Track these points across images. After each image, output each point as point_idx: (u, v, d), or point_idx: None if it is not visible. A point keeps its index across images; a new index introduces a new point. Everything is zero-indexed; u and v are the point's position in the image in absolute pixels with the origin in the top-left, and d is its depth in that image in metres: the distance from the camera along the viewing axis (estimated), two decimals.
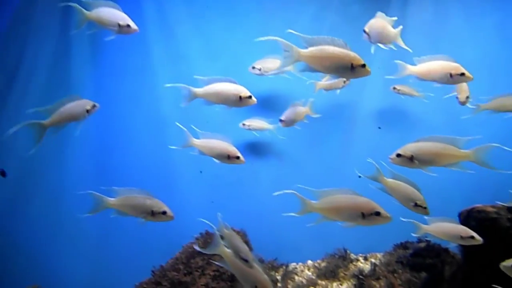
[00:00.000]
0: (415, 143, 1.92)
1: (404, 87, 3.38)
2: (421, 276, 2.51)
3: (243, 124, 3.28)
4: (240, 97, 2.00)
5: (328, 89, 3.27)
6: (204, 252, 1.96)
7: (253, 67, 3.11)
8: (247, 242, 2.75)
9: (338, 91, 3.33)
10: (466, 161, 1.94)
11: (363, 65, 1.70)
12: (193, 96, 2.12)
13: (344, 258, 3.37)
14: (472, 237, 1.89)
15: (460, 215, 2.30)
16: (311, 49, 1.67)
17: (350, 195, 1.52)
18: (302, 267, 3.57)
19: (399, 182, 1.95)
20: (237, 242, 1.66)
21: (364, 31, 2.21)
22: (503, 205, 2.22)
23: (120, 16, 2.20)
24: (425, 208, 1.88)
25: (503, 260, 2.21)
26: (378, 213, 1.47)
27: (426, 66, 2.21)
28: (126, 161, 3.47)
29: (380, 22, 2.21)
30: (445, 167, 1.90)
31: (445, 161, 1.84)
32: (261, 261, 3.55)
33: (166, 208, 1.95)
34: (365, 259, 3.37)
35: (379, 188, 2.04)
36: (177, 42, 3.47)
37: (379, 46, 2.51)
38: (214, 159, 2.13)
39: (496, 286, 1.72)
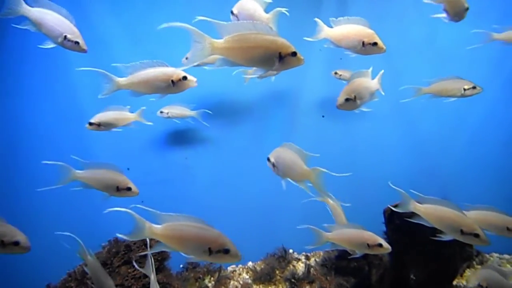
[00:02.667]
0: (352, 85, 1.88)
1: (345, 72, 3.11)
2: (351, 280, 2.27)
3: (161, 112, 2.95)
4: (173, 81, 1.64)
5: (262, 77, 2.96)
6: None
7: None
8: None
9: (273, 78, 3.03)
10: None
11: (294, 53, 1.39)
12: (115, 87, 1.76)
13: (283, 259, 3.12)
14: (380, 245, 1.62)
15: (384, 212, 2.05)
16: (228, 38, 1.35)
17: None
18: (241, 269, 3.30)
19: (435, 206, 1.65)
20: (100, 274, 1.38)
21: (232, 13, 1.88)
22: None
23: (69, 28, 1.90)
24: (477, 236, 1.55)
25: (433, 260, 1.99)
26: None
27: (341, 30, 1.93)
28: (35, 158, 3.09)
29: (251, 4, 1.87)
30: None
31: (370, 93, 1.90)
32: (195, 265, 3.26)
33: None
34: (307, 258, 3.12)
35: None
36: (92, 23, 3.09)
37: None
38: (105, 193, 1.88)
39: None
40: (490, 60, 3.20)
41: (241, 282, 2.96)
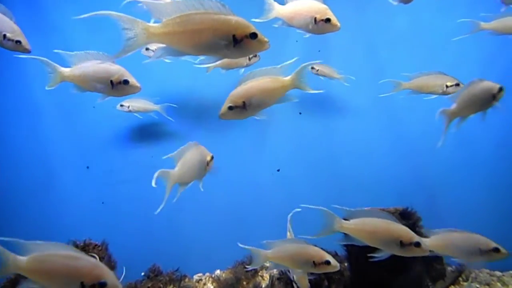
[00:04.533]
0: (240, 89, 1.43)
1: (324, 68, 2.87)
2: None
3: (121, 106, 2.72)
4: (112, 81, 1.40)
5: (227, 68, 2.71)
6: None
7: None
8: (108, 256, 2.19)
9: (242, 70, 2.78)
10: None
11: (253, 35, 1.12)
12: (59, 78, 1.52)
13: (254, 270, 2.86)
14: (328, 263, 1.36)
15: None
16: (167, 21, 1.10)
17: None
18: (207, 278, 3.05)
19: (364, 220, 1.42)
20: None
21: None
22: (396, 209, 1.72)
23: (8, 26, 1.70)
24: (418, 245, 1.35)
25: (394, 276, 1.72)
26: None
27: (293, 7, 1.68)
28: None
29: None
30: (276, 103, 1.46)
31: (274, 96, 1.41)
32: (157, 273, 3.01)
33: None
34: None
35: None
36: (46, 9, 2.87)
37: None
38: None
39: None
40: (481, 54, 2.94)
41: None
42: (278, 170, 3.11)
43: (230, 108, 1.49)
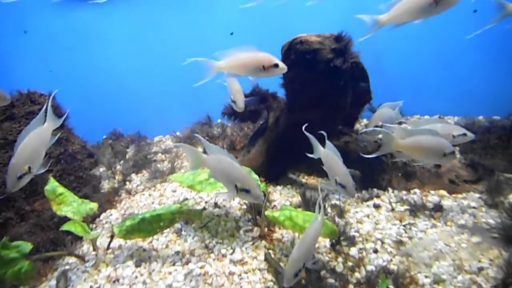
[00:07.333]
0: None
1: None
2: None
3: None
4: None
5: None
6: None
7: None
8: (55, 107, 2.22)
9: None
10: None
11: (276, 65, 1.51)
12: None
13: (208, 125, 3.11)
14: (276, 65, 1.48)
15: (282, 48, 1.92)
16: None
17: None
18: (167, 138, 3.30)
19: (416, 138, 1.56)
20: None
21: None
22: (332, 34, 1.84)
23: None
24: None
25: (324, 98, 1.93)
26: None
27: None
28: None
29: None
30: None
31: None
32: (119, 135, 3.19)
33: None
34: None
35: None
36: None
37: None
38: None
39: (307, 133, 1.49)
40: None
41: (162, 147, 2.97)
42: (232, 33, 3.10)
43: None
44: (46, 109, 1.41)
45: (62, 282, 1.49)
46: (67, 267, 1.63)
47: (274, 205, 1.92)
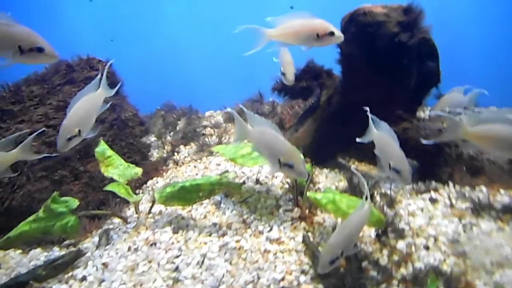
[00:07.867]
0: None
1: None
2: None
3: None
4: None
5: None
6: None
7: None
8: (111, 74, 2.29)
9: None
10: None
11: (331, 33, 1.35)
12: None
13: (260, 102, 3.06)
14: (332, 34, 1.34)
15: (342, 20, 1.75)
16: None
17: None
18: (218, 113, 3.30)
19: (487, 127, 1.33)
20: None
21: None
22: (400, 5, 1.65)
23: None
24: None
25: (384, 78, 1.73)
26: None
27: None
28: None
29: None
30: None
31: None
32: (172, 106, 3.25)
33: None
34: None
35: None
36: None
37: None
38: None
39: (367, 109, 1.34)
40: None
41: (213, 122, 2.98)
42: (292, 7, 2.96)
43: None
44: (101, 76, 1.43)
45: (104, 239, 1.55)
46: (110, 226, 1.70)
47: (318, 188, 1.82)
